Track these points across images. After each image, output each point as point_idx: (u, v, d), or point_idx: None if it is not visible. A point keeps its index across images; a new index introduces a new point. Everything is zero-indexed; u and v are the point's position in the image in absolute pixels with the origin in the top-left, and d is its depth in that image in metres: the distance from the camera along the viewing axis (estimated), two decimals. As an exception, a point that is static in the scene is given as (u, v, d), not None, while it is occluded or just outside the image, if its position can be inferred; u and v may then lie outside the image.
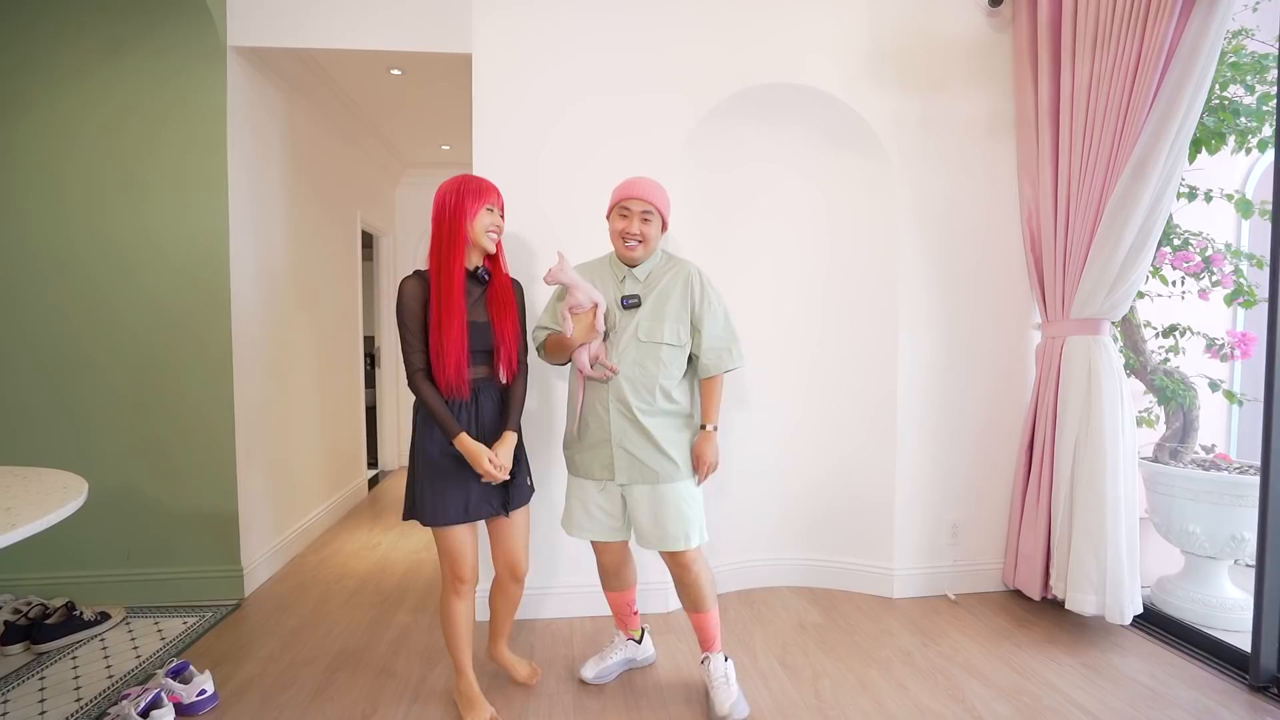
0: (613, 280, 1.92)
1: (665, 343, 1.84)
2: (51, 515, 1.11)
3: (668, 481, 1.84)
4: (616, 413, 1.84)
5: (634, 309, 1.87)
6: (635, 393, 1.83)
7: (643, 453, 1.83)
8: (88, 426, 2.54)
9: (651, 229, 1.86)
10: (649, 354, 1.84)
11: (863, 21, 2.54)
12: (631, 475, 1.85)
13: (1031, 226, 2.57)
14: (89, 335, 2.53)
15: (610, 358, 1.84)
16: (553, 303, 1.97)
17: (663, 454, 1.83)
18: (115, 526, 2.57)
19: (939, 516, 2.66)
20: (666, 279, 1.90)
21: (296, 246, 3.24)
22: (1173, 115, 1.97)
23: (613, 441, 1.85)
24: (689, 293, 1.88)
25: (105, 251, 2.53)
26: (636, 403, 1.82)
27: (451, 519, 1.76)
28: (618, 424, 1.84)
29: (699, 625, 1.93)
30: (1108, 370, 2.26)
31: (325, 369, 3.64)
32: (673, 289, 1.88)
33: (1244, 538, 2.34)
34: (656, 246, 1.93)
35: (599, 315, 1.82)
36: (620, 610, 2.10)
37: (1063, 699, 1.92)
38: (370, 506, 4.08)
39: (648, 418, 1.82)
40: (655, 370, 1.84)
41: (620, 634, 2.11)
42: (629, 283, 1.90)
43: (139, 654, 2.21)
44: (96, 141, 2.51)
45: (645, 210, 1.84)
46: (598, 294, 1.83)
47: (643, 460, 1.84)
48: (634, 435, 1.84)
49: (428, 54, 2.70)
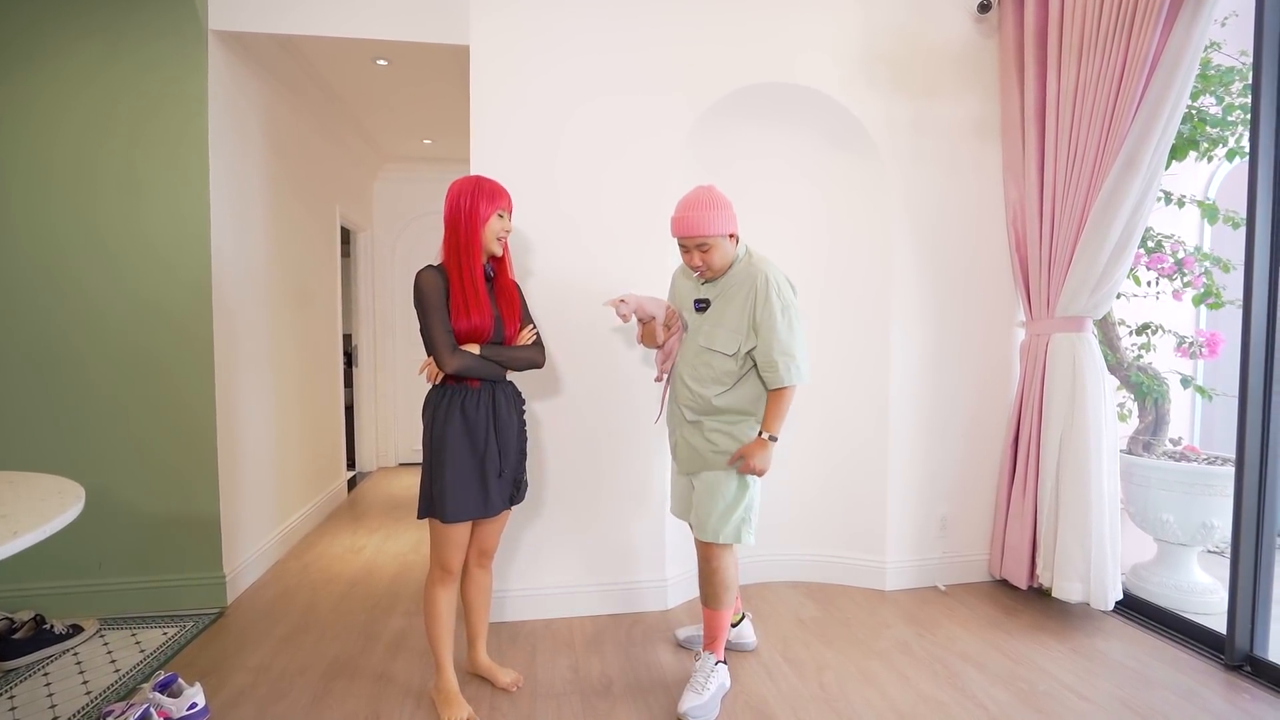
0: (693, 281, 1.98)
1: (717, 350, 1.87)
2: (53, 522, 1.04)
3: (712, 469, 1.91)
4: (675, 407, 2.00)
5: (704, 312, 1.93)
6: (690, 393, 1.93)
7: (696, 442, 1.94)
8: (58, 427, 2.40)
9: (714, 256, 1.84)
10: (703, 359, 1.91)
11: (857, 26, 2.59)
12: (691, 465, 1.97)
13: (1016, 228, 2.65)
14: (61, 331, 2.40)
15: (679, 356, 1.99)
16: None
17: (710, 445, 1.91)
18: (87, 533, 2.41)
19: (929, 510, 2.73)
20: (737, 284, 1.87)
21: (277, 241, 3.13)
22: (1156, 121, 2.06)
23: (677, 432, 2.01)
24: (750, 300, 1.84)
25: (83, 243, 2.40)
26: (688, 401, 1.94)
27: (471, 514, 1.78)
28: (674, 418, 2.02)
29: (707, 620, 1.95)
30: (1091, 366, 2.35)
31: (306, 367, 3.52)
32: (736, 295, 1.87)
33: (1213, 525, 2.46)
34: (732, 254, 1.88)
35: (659, 325, 1.99)
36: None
37: (1056, 683, 1.99)
38: (350, 509, 3.97)
39: (697, 415, 1.93)
40: (705, 375, 1.90)
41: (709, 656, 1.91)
42: (706, 287, 1.94)
43: (118, 668, 2.10)
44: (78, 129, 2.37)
45: (700, 243, 1.83)
46: (659, 308, 1.99)
47: (696, 449, 1.94)
48: (688, 429, 1.95)
49: (416, 45, 2.64)
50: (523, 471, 1.94)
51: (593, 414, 2.46)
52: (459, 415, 1.77)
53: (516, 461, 1.90)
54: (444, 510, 1.75)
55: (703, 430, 1.92)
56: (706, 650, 1.93)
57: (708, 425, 1.91)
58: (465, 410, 1.78)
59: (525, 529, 2.44)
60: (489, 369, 1.80)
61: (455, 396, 1.79)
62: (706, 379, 1.89)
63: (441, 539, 1.80)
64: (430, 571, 1.84)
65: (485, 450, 1.79)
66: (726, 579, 1.91)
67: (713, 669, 1.88)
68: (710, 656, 1.91)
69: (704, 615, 1.95)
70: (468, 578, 1.97)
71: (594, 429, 2.47)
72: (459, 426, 1.77)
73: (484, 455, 1.79)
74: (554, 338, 2.40)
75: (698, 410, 1.92)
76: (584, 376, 2.46)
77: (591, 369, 2.46)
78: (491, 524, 1.92)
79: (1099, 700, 1.90)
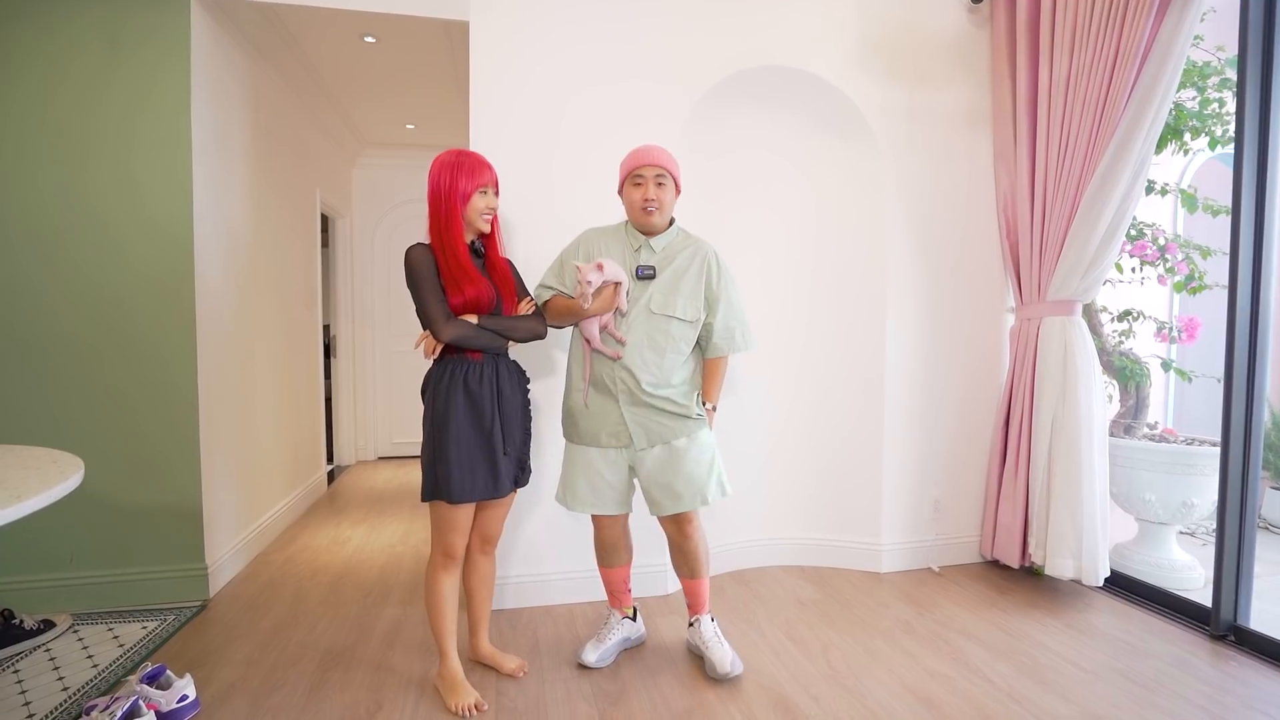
0: (628, 249, 1.90)
1: (677, 317, 1.84)
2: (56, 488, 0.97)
3: (685, 435, 1.85)
4: (623, 383, 1.83)
5: (648, 280, 1.86)
6: (644, 365, 1.82)
7: (649, 416, 1.84)
8: (29, 414, 2.27)
9: (666, 193, 1.85)
10: (659, 327, 1.83)
11: (853, 14, 2.61)
12: (650, 438, 1.85)
13: (1007, 214, 2.71)
14: (30, 312, 2.26)
15: (619, 328, 1.83)
16: (558, 263, 1.94)
17: (675, 408, 1.84)
18: (57, 525, 2.29)
19: (923, 493, 2.77)
20: (684, 255, 1.89)
21: (260, 224, 3.01)
22: (1148, 109, 2.13)
23: (622, 408, 1.84)
24: (705, 270, 1.88)
25: (66, 223, 2.27)
26: (645, 376, 1.82)
27: (481, 494, 1.72)
28: (624, 394, 1.84)
29: (694, 590, 1.99)
30: (1082, 349, 2.41)
31: (286, 355, 3.40)
32: (689, 265, 1.88)
33: (1193, 503, 2.55)
34: (672, 215, 1.92)
35: (621, 294, 1.80)
36: (617, 587, 2.07)
37: (1055, 656, 2.03)
38: (331, 503, 3.85)
39: (653, 388, 1.82)
40: (664, 343, 1.83)
41: (615, 612, 2.07)
42: (644, 253, 1.88)
43: (95, 663, 1.99)
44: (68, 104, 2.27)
45: (659, 174, 1.83)
46: (623, 273, 1.82)
47: (652, 422, 1.84)
48: (642, 405, 1.83)
49: (408, 20, 2.56)
50: (527, 453, 1.88)
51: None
52: (461, 389, 1.71)
53: (521, 441, 1.84)
54: (449, 490, 1.68)
55: (656, 402, 1.81)
56: (701, 614, 1.99)
57: (662, 395, 1.81)
58: (468, 384, 1.72)
59: (526, 515, 2.39)
60: (488, 339, 1.72)
61: (457, 370, 1.72)
62: (664, 347, 1.82)
63: (445, 523, 1.74)
64: (431, 557, 1.78)
65: (491, 426, 1.73)
66: (705, 546, 1.97)
67: (713, 625, 1.99)
68: (704, 617, 1.99)
69: (689, 587, 1.99)
70: (470, 565, 1.91)
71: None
72: (462, 401, 1.70)
73: (490, 431, 1.72)
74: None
75: (655, 382, 1.81)
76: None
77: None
78: (496, 509, 1.87)
79: (1097, 670, 1.94)
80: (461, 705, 1.73)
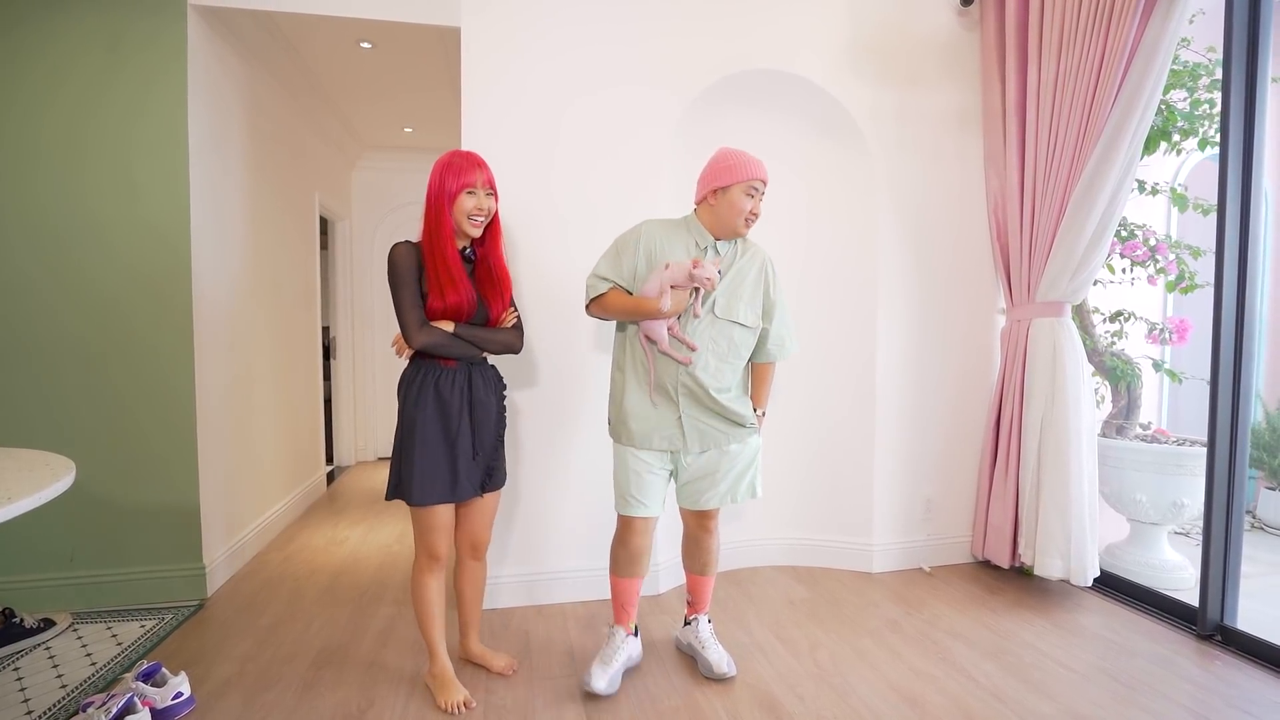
0: (693, 249, 1.83)
1: (740, 323, 1.82)
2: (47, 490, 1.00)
3: (738, 441, 1.87)
4: (686, 387, 1.80)
5: None
6: (707, 369, 1.79)
7: (708, 421, 1.83)
8: (28, 415, 2.31)
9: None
10: (723, 332, 1.81)
11: (844, 16, 2.63)
12: (704, 443, 1.84)
13: (997, 216, 2.72)
14: (29, 314, 2.30)
15: (684, 331, 1.78)
16: (614, 253, 1.85)
17: (732, 421, 1.84)
18: (58, 525, 2.33)
19: (914, 493, 2.78)
20: (743, 259, 1.87)
21: (258, 227, 3.05)
22: (1134, 110, 2.14)
23: (681, 412, 1.81)
24: (764, 277, 1.87)
25: (65, 226, 2.30)
26: (710, 381, 1.79)
27: (439, 498, 1.73)
28: (686, 398, 1.81)
29: (701, 587, 2.02)
30: (1070, 350, 2.42)
31: (285, 356, 3.44)
32: (749, 270, 1.86)
33: (1184, 503, 2.56)
34: None
35: (699, 300, 1.77)
36: (630, 600, 1.94)
37: (1041, 655, 2.04)
38: (330, 503, 3.89)
39: (718, 394, 1.80)
40: (726, 349, 1.82)
41: (620, 629, 1.93)
42: (711, 255, 1.83)
43: (94, 661, 2.02)
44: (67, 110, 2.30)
45: (762, 190, 1.83)
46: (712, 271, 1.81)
47: (710, 427, 1.83)
48: (703, 409, 1.82)
49: (403, 26, 2.59)
50: (499, 458, 1.86)
51: (582, 401, 2.45)
52: (432, 394, 1.73)
53: (492, 446, 1.83)
54: (410, 492, 1.71)
55: (718, 408, 1.81)
56: (701, 613, 2.02)
57: (724, 399, 1.81)
58: (439, 390, 1.74)
59: (515, 516, 2.42)
60: (461, 348, 1.73)
61: (429, 376, 1.74)
62: (727, 353, 1.82)
63: (422, 524, 1.76)
64: (415, 559, 1.81)
65: (457, 432, 1.74)
66: (719, 541, 2.02)
67: (709, 625, 2.02)
68: (702, 617, 2.02)
69: (698, 584, 2.02)
70: (461, 569, 1.93)
71: (584, 416, 2.46)
72: (431, 407, 1.72)
73: (455, 438, 1.74)
74: (545, 327, 2.39)
75: (719, 386, 1.80)
76: (572, 364, 2.45)
77: (581, 358, 2.45)
78: (480, 515, 1.88)
79: (1082, 670, 1.95)
80: (451, 702, 1.76)
